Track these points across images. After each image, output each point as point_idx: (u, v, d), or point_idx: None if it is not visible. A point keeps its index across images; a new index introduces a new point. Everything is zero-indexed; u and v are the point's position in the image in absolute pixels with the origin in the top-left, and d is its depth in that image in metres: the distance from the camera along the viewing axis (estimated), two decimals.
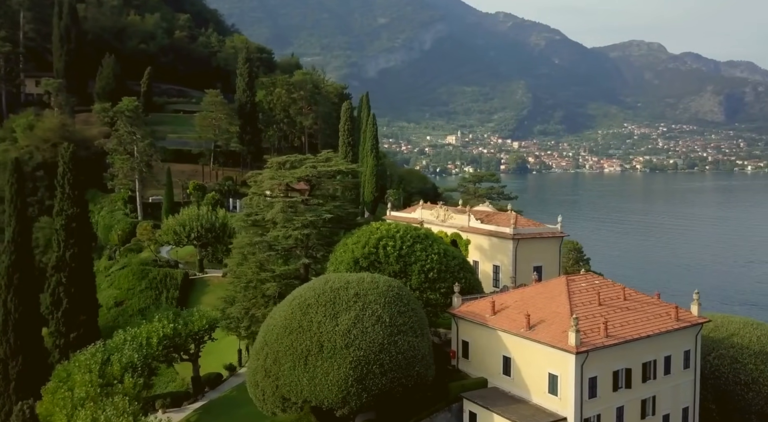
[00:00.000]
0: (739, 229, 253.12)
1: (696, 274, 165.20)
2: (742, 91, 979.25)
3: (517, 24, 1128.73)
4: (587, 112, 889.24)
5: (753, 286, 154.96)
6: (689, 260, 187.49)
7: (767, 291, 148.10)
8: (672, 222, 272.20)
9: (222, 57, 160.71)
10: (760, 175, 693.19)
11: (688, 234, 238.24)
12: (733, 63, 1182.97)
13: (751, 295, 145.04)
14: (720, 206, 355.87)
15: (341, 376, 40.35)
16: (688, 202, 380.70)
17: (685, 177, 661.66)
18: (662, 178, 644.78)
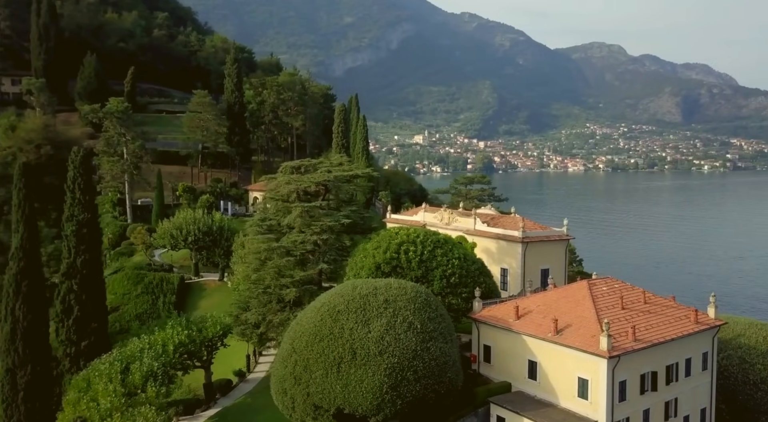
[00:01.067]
0: (703, 228, 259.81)
1: (667, 272, 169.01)
2: (698, 93, 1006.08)
3: (482, 25, 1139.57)
4: (551, 112, 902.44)
5: (724, 284, 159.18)
6: (659, 258, 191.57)
7: (740, 288, 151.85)
8: (638, 222, 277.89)
9: (202, 56, 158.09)
10: (716, 175, 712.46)
11: (655, 233, 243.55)
12: (689, 65, 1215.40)
13: (724, 292, 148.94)
14: (682, 205, 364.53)
15: (376, 383, 40.19)
16: (651, 202, 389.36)
17: (645, 176, 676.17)
18: (624, 178, 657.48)
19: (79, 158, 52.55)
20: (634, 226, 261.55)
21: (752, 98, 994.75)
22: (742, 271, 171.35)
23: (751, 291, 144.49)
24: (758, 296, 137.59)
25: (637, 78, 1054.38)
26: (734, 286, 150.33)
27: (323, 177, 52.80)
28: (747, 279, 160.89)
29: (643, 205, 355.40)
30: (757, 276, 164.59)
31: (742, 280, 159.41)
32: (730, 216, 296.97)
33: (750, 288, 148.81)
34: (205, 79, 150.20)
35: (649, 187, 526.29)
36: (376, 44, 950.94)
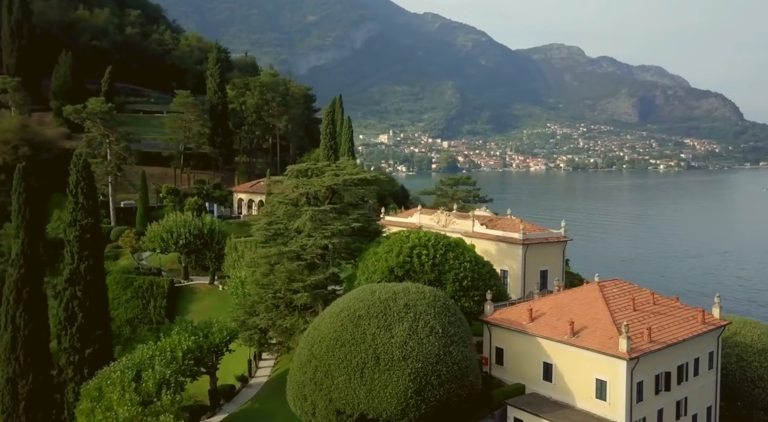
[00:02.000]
0: (662, 226, 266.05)
1: (635, 268, 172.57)
2: (653, 94, 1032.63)
3: (444, 25, 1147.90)
4: (513, 112, 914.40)
5: (690, 279, 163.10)
6: (624, 255, 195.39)
7: (707, 283, 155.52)
8: (601, 219, 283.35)
9: (177, 55, 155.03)
10: (671, 174, 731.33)
11: (620, 231, 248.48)
12: (644, 67, 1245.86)
13: (690, 287, 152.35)
14: (643, 204, 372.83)
15: (401, 388, 40.21)
16: (613, 201, 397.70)
17: (604, 175, 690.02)
18: (584, 177, 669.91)
19: (82, 162, 51.17)
20: (598, 224, 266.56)
21: (703, 100, 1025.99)
22: (702, 268, 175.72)
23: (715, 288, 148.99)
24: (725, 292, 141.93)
25: (595, 79, 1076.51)
26: (698, 283, 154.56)
27: (333, 181, 52.51)
28: (710, 276, 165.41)
29: (605, 204, 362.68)
30: (718, 273, 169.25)
31: (703, 277, 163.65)
32: (689, 215, 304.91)
33: (711, 285, 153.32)
34: (180, 78, 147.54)
35: (608, 187, 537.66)
36: (340, 43, 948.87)
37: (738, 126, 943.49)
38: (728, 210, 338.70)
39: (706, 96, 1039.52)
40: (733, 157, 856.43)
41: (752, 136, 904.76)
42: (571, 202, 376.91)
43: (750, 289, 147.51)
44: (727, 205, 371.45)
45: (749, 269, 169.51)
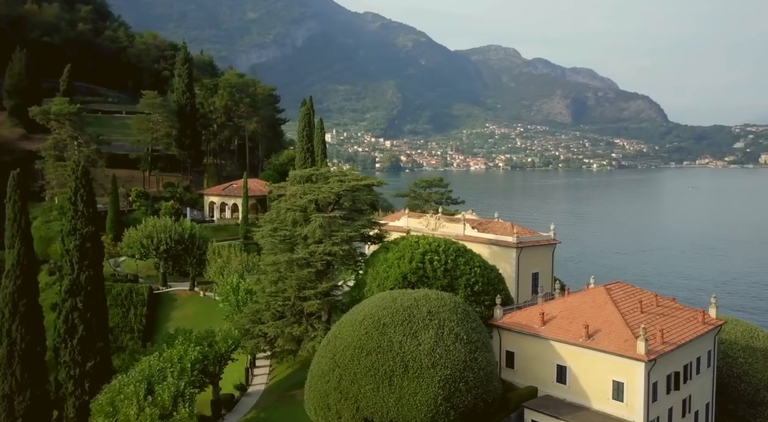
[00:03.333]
0: (603, 223, 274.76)
1: (581, 266, 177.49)
2: (585, 96, 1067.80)
3: (384, 24, 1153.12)
4: (452, 112, 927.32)
5: (637, 275, 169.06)
6: (569, 253, 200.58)
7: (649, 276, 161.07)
8: (545, 218, 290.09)
9: (133, 53, 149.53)
10: (604, 173, 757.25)
11: (561, 229, 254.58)
12: (576, 69, 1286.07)
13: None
14: (581, 201, 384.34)
15: (430, 395, 40.38)
16: (552, 199, 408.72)
17: (541, 174, 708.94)
18: (522, 176, 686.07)
19: (81, 170, 48.98)
20: (540, 222, 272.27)
21: (632, 101, 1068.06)
22: (647, 263, 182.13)
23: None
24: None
25: (530, 80, 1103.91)
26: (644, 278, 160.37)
27: (341, 187, 52.09)
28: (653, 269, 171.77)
29: (544, 202, 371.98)
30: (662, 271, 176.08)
31: (645, 270, 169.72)
32: (626, 213, 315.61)
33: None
34: (136, 77, 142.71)
35: (546, 185, 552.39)
36: (281, 41, 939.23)
37: (663, 127, 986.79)
38: (661, 207, 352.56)
39: (634, 98, 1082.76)
40: (659, 156, 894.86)
41: (676, 136, 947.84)
42: (513, 201, 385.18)
43: (695, 284, 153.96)
44: (659, 202, 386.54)
45: (692, 265, 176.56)
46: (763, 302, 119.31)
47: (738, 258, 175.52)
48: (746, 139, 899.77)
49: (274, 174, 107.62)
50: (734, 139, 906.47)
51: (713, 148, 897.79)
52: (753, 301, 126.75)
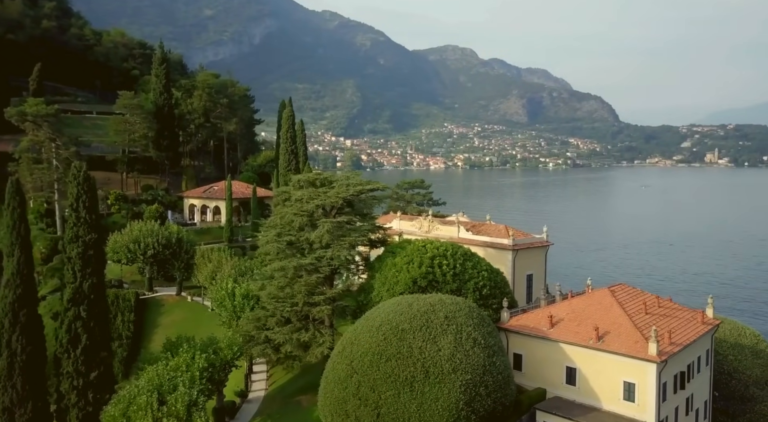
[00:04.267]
0: (562, 221, 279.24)
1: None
2: (540, 96, 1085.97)
3: (343, 23, 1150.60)
4: (411, 112, 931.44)
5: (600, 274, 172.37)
6: None
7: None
8: (504, 217, 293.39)
9: (100, 51, 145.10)
10: (559, 172, 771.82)
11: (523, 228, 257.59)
12: (531, 70, 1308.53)
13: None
14: (540, 200, 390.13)
15: (452, 401, 40.62)
16: (514, 197, 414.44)
17: (499, 173, 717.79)
18: (480, 175, 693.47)
19: (83, 174, 47.53)
20: (501, 221, 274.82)
21: (585, 102, 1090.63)
22: (606, 261, 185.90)
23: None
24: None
25: (487, 80, 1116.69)
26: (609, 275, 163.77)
27: (349, 191, 51.81)
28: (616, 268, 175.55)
29: (503, 201, 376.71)
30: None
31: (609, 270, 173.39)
32: (583, 211, 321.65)
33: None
34: (105, 76, 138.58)
35: (504, 184, 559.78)
36: (238, 38, 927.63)
37: (615, 127, 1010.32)
38: (617, 205, 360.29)
39: (587, 98, 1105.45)
40: (612, 155, 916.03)
41: (627, 136, 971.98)
42: (473, 200, 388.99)
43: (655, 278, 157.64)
44: (615, 201, 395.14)
45: (653, 261, 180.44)
46: (731, 300, 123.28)
47: (698, 255, 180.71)
48: (693, 139, 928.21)
49: (253, 175, 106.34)
50: (681, 139, 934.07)
51: (662, 147, 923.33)
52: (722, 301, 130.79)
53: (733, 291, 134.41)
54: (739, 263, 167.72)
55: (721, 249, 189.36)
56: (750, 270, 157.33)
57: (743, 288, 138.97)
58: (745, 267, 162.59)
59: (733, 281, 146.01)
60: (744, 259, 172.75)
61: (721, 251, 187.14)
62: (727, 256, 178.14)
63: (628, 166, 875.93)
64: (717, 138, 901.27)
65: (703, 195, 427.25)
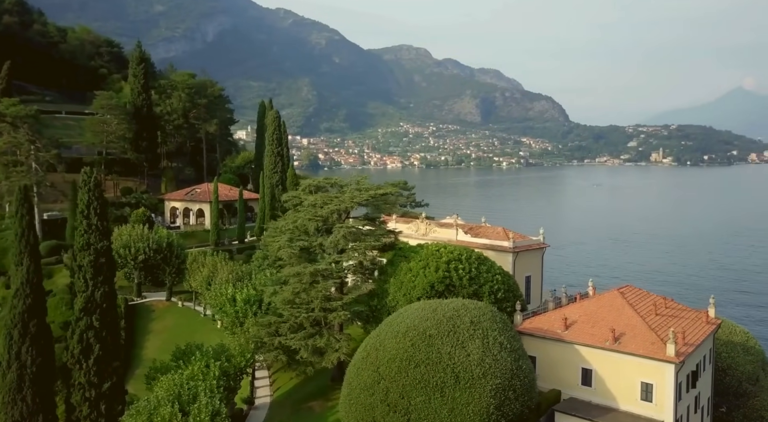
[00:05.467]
0: (518, 220, 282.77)
1: None
2: (493, 96, 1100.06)
3: (297, 21, 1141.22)
4: (367, 111, 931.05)
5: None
6: None
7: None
8: (465, 215, 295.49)
9: (66, 49, 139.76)
10: (513, 170, 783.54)
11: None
12: (484, 70, 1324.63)
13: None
14: (496, 198, 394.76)
15: (483, 405, 40.83)
16: (472, 196, 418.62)
17: (454, 172, 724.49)
18: (436, 174, 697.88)
19: (93, 180, 45.90)
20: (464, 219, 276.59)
21: (536, 102, 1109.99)
22: (564, 257, 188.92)
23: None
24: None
25: (441, 80, 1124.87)
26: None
27: (362, 196, 51.49)
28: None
29: (462, 199, 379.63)
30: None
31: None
32: (539, 209, 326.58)
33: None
34: (71, 74, 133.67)
35: (459, 183, 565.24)
36: (190, 35, 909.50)
37: (565, 126, 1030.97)
38: (571, 203, 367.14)
39: (539, 99, 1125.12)
40: (563, 154, 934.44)
41: (577, 135, 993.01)
42: (430, 198, 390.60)
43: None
44: (569, 199, 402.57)
45: (612, 258, 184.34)
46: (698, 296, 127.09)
47: (656, 252, 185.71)
48: (638, 139, 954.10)
49: (233, 177, 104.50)
50: (628, 139, 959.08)
51: (610, 146, 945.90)
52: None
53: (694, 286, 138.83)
54: (698, 259, 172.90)
55: (679, 245, 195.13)
56: (709, 269, 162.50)
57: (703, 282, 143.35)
58: (704, 262, 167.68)
59: (698, 275, 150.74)
60: (701, 255, 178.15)
61: (679, 247, 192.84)
62: (685, 252, 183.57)
63: (579, 164, 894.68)
64: (661, 138, 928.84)
65: (654, 193, 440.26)
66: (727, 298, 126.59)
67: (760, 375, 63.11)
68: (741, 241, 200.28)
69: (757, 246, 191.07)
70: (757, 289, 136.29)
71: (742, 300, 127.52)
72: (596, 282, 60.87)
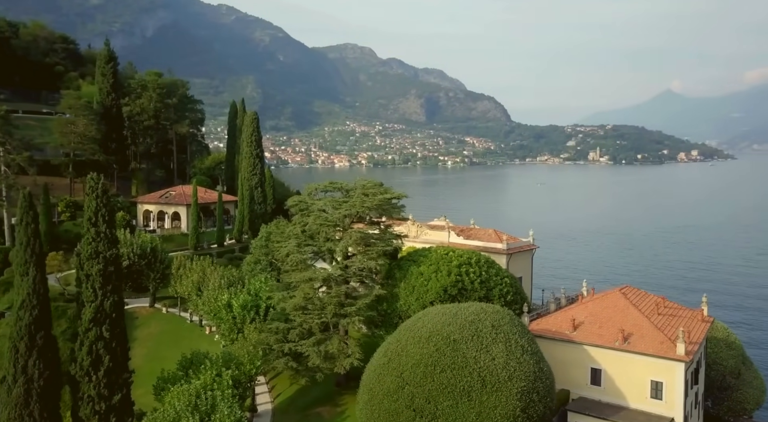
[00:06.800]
0: (467, 219, 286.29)
1: None
2: (437, 96, 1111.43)
3: (240, 18, 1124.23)
4: (314, 109, 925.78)
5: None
6: None
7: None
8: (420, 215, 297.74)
9: (18, 45, 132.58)
10: (458, 169, 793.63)
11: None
12: (428, 70, 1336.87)
13: None
14: (444, 197, 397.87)
15: (509, 408, 41.24)
16: (422, 195, 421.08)
17: (401, 171, 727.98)
18: (384, 172, 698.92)
19: (101, 186, 44.00)
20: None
21: (479, 102, 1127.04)
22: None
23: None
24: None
25: (386, 79, 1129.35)
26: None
27: (374, 201, 51.20)
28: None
29: (412, 198, 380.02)
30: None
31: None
32: (487, 207, 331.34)
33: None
34: (25, 72, 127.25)
35: (406, 182, 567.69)
36: (129, 30, 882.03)
37: (507, 126, 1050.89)
38: (519, 202, 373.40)
39: (481, 99, 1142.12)
40: (505, 153, 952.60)
41: (518, 135, 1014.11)
42: None
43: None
44: (516, 197, 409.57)
45: (566, 257, 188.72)
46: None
47: (607, 249, 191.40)
48: (577, 138, 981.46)
49: (206, 179, 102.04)
50: (567, 138, 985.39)
51: (550, 146, 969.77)
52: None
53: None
54: (647, 255, 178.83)
55: (629, 243, 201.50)
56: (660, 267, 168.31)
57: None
58: (651, 259, 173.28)
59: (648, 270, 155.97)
60: (651, 252, 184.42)
61: (630, 244, 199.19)
62: (637, 249, 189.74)
63: (521, 163, 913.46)
64: (598, 137, 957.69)
65: (596, 191, 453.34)
66: (688, 296, 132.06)
67: (742, 369, 65.87)
68: (682, 239, 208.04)
69: (696, 243, 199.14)
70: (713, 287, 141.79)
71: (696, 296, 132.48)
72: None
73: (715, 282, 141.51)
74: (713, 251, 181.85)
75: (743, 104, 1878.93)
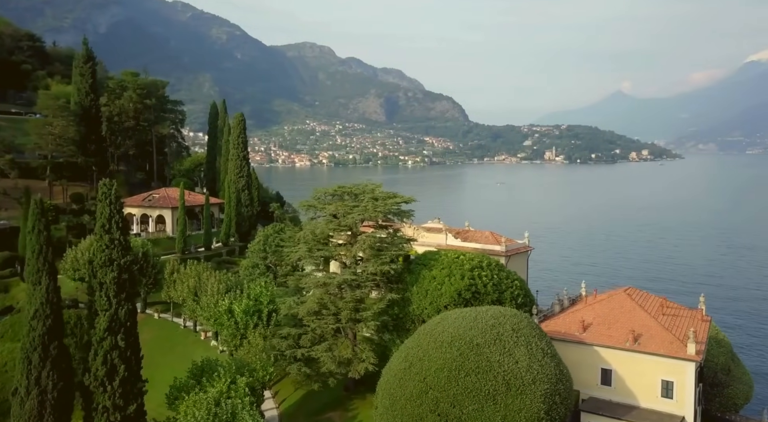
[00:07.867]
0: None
1: None
2: (396, 96, 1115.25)
3: (196, 15, 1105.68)
4: (273, 108, 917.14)
5: None
6: None
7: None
8: None
9: None
10: (418, 169, 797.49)
11: None
12: (386, 70, 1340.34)
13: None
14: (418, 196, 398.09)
15: (534, 411, 41.57)
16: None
17: (362, 170, 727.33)
18: (345, 172, 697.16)
19: (114, 192, 42.66)
20: None
21: (438, 102, 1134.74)
22: None
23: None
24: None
25: (346, 79, 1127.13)
26: None
27: (386, 206, 50.94)
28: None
29: None
30: None
31: None
32: (450, 207, 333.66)
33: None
34: None
35: (368, 181, 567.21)
36: (81, 26, 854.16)
37: (465, 126, 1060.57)
38: (480, 201, 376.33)
39: (440, 99, 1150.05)
40: (464, 153, 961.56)
41: (476, 135, 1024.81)
42: None
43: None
44: (478, 196, 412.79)
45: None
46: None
47: (574, 247, 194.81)
48: (533, 138, 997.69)
49: (187, 181, 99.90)
50: (523, 138, 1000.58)
51: (507, 145, 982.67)
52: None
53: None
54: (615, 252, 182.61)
55: (593, 241, 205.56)
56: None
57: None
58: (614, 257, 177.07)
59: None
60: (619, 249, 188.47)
61: (594, 242, 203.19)
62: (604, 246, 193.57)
63: (479, 163, 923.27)
64: (553, 137, 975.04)
65: (556, 190, 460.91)
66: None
67: (731, 366, 67.88)
68: (644, 236, 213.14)
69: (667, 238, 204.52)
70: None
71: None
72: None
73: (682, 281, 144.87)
74: (677, 250, 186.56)
75: (689, 105, 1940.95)
